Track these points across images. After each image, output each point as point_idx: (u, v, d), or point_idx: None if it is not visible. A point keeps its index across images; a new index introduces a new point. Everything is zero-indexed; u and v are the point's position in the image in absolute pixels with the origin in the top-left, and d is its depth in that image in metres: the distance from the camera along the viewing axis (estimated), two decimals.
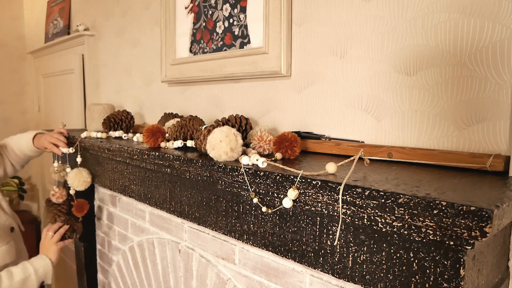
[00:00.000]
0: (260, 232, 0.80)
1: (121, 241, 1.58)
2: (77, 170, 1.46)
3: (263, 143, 0.90)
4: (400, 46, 0.83)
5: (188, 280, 1.21)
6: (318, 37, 0.99)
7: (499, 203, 0.47)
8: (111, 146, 1.21)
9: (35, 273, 1.28)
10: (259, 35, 1.11)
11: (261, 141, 0.90)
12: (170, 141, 1.07)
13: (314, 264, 0.70)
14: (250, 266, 0.98)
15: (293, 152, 0.84)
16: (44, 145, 1.45)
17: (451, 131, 0.77)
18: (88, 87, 2.19)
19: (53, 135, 1.45)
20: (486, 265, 0.59)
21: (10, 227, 1.38)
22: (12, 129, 3.22)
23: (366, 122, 0.90)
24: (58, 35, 2.52)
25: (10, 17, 3.22)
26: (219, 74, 1.23)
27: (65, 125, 1.63)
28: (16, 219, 1.45)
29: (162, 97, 1.58)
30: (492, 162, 0.68)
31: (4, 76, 3.19)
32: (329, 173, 0.68)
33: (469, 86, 0.74)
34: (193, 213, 0.99)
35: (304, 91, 1.03)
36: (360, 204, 0.57)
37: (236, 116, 1.03)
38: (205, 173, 0.84)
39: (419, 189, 0.55)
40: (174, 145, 1.05)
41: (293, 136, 0.84)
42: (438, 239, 0.51)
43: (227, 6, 1.20)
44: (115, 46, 1.92)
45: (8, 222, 1.37)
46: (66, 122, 2.43)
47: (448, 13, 0.76)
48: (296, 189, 0.65)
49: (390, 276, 0.59)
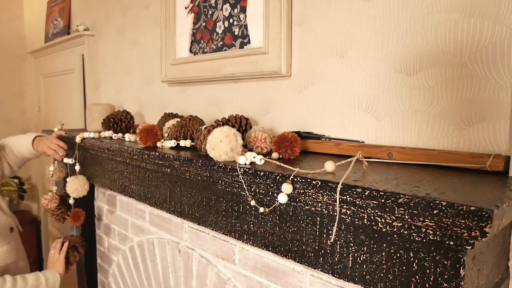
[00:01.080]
0: (260, 232, 0.80)
1: (121, 241, 1.58)
2: (75, 178, 1.46)
3: (259, 143, 0.90)
4: (400, 46, 0.83)
5: (188, 280, 1.21)
6: (318, 37, 0.99)
7: (499, 203, 0.47)
8: (111, 146, 1.21)
9: (45, 282, 1.33)
10: (259, 35, 1.11)
11: (257, 141, 0.90)
12: (166, 140, 1.08)
13: (314, 264, 0.70)
14: (250, 266, 0.98)
15: (293, 152, 0.84)
16: (43, 150, 1.46)
17: (451, 131, 0.77)
18: (88, 87, 2.19)
19: (52, 141, 1.46)
20: (486, 265, 0.59)
21: (10, 227, 1.38)
22: (12, 129, 3.22)
23: (366, 122, 0.90)
24: (58, 35, 2.52)
25: (10, 17, 3.22)
26: (219, 74, 1.23)
27: (63, 124, 1.62)
28: (15, 219, 1.45)
29: (162, 97, 1.58)
30: (492, 162, 0.68)
31: (4, 76, 3.19)
32: (327, 171, 0.69)
33: (469, 86, 0.74)
34: (193, 213, 0.99)
35: (304, 91, 1.03)
36: (360, 204, 0.57)
37: (236, 116, 1.03)
38: (205, 173, 0.84)
39: (419, 189, 0.55)
40: (168, 145, 1.07)
41: (293, 136, 0.84)
42: (438, 239, 0.51)
43: (227, 6, 1.21)
44: (115, 46, 1.92)
45: (8, 222, 1.37)
46: (66, 122, 2.43)
47: (448, 13, 0.76)
48: (290, 183, 0.65)
49: (390, 276, 0.59)
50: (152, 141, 1.09)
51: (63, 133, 1.52)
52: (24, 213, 3.25)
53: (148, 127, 1.09)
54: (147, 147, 1.08)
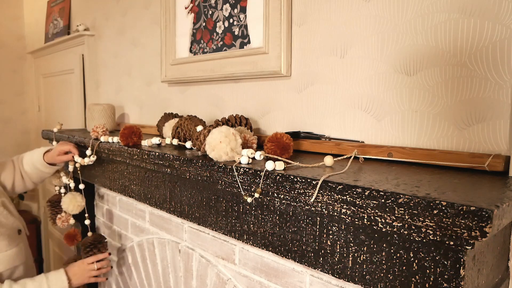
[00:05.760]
0: (260, 232, 0.80)
1: (121, 241, 1.58)
2: (71, 194, 1.44)
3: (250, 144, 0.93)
4: (400, 46, 0.83)
5: (188, 280, 1.21)
6: (318, 37, 0.99)
7: (499, 203, 0.47)
8: (111, 146, 1.21)
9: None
10: (259, 35, 1.11)
11: None
12: (149, 139, 1.16)
13: (314, 264, 0.70)
14: (250, 266, 0.98)
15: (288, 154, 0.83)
16: (53, 157, 1.42)
17: (451, 131, 0.77)
18: (88, 87, 2.19)
19: (63, 144, 1.43)
20: (486, 265, 0.59)
21: (18, 229, 1.37)
22: (12, 129, 3.22)
23: (366, 122, 0.90)
24: (58, 35, 2.52)
25: (10, 17, 3.22)
26: (219, 74, 1.23)
27: (62, 124, 1.62)
28: (22, 221, 1.44)
29: (162, 97, 1.58)
30: (492, 162, 0.68)
31: (4, 76, 3.19)
32: (326, 165, 0.73)
33: (469, 86, 0.74)
34: (193, 213, 0.99)
35: (304, 91, 1.03)
36: (360, 204, 0.57)
37: (236, 116, 1.03)
38: (205, 173, 0.84)
39: (419, 189, 0.55)
40: (153, 142, 1.14)
41: (288, 138, 0.81)
42: (438, 239, 0.51)
43: (227, 6, 1.21)
44: (115, 46, 1.92)
45: (16, 225, 1.37)
46: (66, 122, 2.43)
47: (448, 13, 0.76)
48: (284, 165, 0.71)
49: (390, 276, 0.59)
50: (133, 141, 1.15)
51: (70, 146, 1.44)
52: (24, 213, 3.25)
53: (129, 126, 1.16)
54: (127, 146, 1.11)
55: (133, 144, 1.14)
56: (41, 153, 1.46)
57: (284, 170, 0.70)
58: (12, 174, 1.48)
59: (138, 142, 1.16)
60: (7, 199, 1.42)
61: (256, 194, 0.72)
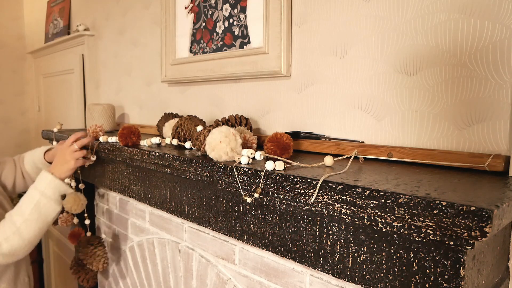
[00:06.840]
0: (260, 232, 0.80)
1: (121, 241, 1.58)
2: (75, 194, 1.43)
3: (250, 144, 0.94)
4: (400, 46, 0.83)
5: (188, 280, 1.21)
6: (318, 37, 0.99)
7: (499, 203, 0.47)
8: (111, 146, 1.21)
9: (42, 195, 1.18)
10: (259, 35, 1.11)
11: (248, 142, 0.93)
12: (148, 139, 1.16)
13: (314, 264, 0.70)
14: (250, 266, 0.98)
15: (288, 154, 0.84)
16: (54, 155, 1.40)
17: (451, 131, 0.77)
18: (88, 87, 2.19)
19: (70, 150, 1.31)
20: (486, 265, 0.59)
21: None
22: (12, 129, 3.22)
23: (366, 122, 0.90)
24: (58, 35, 2.52)
25: (10, 17, 3.22)
26: (219, 74, 1.23)
27: (61, 124, 1.62)
28: None
29: (162, 97, 1.58)
30: (492, 162, 0.68)
31: (4, 76, 3.19)
32: (326, 165, 0.73)
33: (469, 86, 0.74)
34: (193, 213, 0.99)
35: (304, 91, 1.03)
36: (360, 204, 0.57)
37: (236, 116, 1.03)
38: (205, 173, 0.84)
39: (419, 189, 0.55)
40: (152, 142, 1.15)
41: (288, 138, 0.81)
42: (438, 239, 0.51)
43: (227, 6, 1.21)
44: (115, 46, 1.92)
45: None
46: (66, 122, 2.43)
47: (448, 13, 0.76)
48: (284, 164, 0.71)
49: (390, 276, 0.59)
50: (131, 141, 1.15)
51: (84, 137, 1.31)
52: None
53: (128, 126, 1.16)
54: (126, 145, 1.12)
55: (132, 144, 1.14)
56: (42, 152, 1.45)
57: (284, 170, 0.70)
58: (13, 174, 1.48)
59: (137, 142, 1.16)
60: (6, 199, 1.42)
61: (256, 194, 0.72)
